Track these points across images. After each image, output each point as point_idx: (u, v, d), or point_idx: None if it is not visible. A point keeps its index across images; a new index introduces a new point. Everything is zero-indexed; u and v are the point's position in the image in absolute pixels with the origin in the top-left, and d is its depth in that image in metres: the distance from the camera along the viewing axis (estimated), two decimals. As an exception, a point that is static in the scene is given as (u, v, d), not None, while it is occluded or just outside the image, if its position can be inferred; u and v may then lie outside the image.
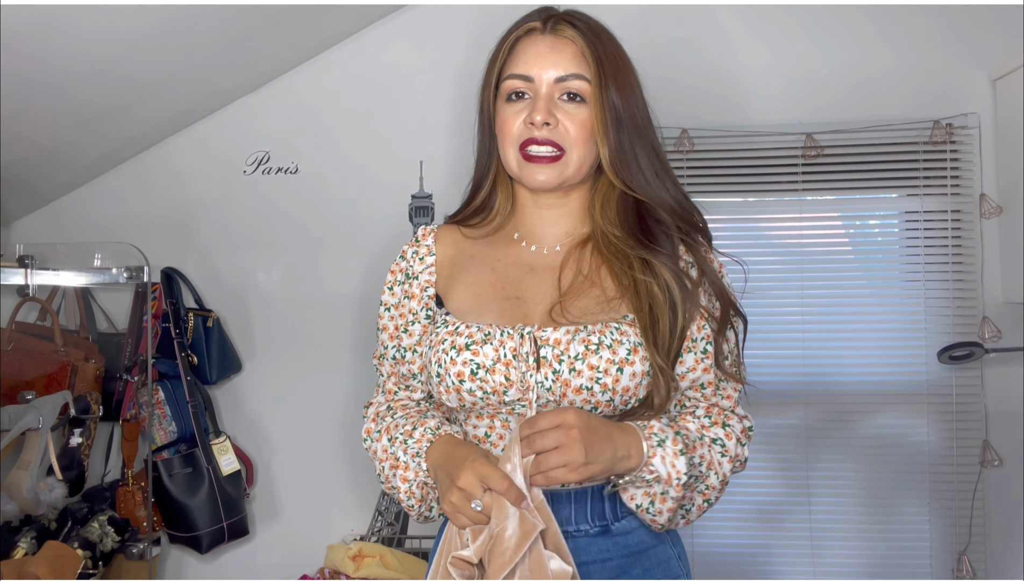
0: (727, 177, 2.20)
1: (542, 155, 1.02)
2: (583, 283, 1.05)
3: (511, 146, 1.04)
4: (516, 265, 1.08)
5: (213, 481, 2.07)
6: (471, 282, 1.07)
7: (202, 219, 2.29)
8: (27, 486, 1.75)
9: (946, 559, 2.14)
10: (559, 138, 1.02)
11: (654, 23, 2.17)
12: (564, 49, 1.04)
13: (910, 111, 2.13)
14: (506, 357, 0.97)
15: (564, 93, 1.03)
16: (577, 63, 1.03)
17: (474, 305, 1.05)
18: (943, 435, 2.14)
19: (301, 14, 1.98)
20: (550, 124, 1.01)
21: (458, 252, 1.12)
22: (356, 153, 2.26)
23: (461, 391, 0.98)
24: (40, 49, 1.59)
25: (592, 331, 0.98)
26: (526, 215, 1.11)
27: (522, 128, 1.03)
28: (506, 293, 1.05)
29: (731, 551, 2.20)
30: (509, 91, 1.05)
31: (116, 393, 2.08)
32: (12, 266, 1.88)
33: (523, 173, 1.04)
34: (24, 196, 2.21)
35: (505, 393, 0.97)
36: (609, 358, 0.96)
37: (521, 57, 1.05)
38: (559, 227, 1.10)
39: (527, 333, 0.98)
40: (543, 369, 0.97)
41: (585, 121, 1.03)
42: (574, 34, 1.05)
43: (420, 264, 1.11)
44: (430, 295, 1.09)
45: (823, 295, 2.17)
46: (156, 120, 2.19)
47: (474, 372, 0.97)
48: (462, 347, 0.99)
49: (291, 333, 2.26)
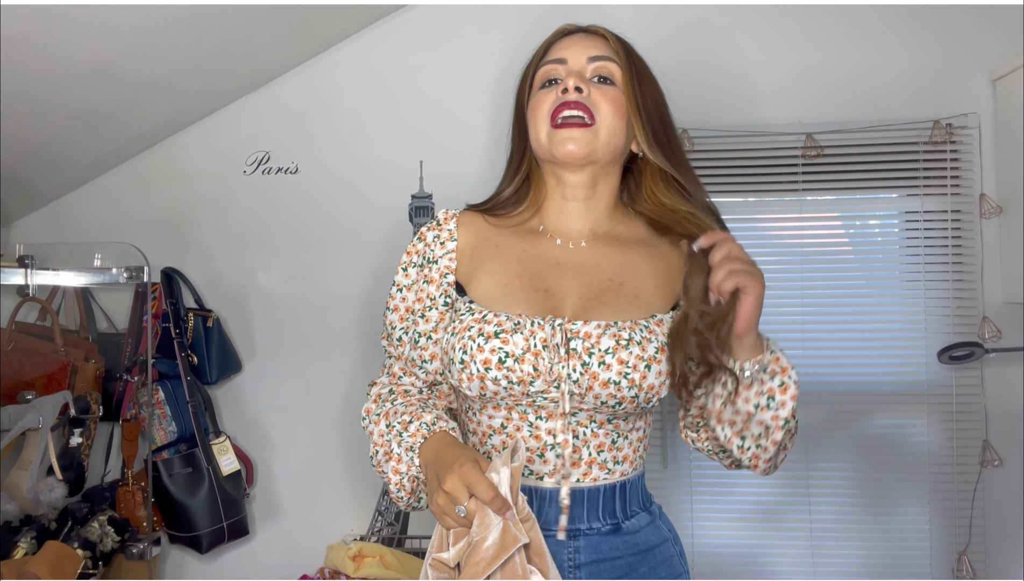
0: (727, 177, 2.20)
1: (572, 119, 1.03)
2: (611, 281, 1.05)
3: (543, 120, 1.06)
4: (543, 258, 1.08)
5: (213, 481, 2.07)
6: (496, 271, 1.07)
7: (202, 219, 2.29)
8: (27, 486, 1.75)
9: (946, 559, 2.14)
10: (591, 105, 1.04)
11: (654, 23, 2.17)
12: (596, 40, 1.10)
13: (910, 111, 2.13)
14: (536, 347, 0.97)
15: (596, 75, 1.07)
16: (608, 51, 1.09)
17: (501, 294, 1.04)
18: (943, 435, 2.14)
19: (301, 14, 1.98)
20: (582, 91, 1.04)
21: (481, 240, 1.11)
22: (356, 153, 2.26)
23: (486, 379, 0.98)
24: (40, 49, 1.59)
25: (623, 327, 0.99)
26: (553, 207, 1.12)
27: (552, 101, 1.05)
28: (533, 285, 1.05)
29: (731, 551, 2.20)
30: (544, 78, 1.09)
31: (116, 393, 2.08)
32: (12, 266, 1.88)
33: (552, 142, 1.05)
34: (24, 196, 2.21)
35: (531, 383, 0.98)
36: (639, 354, 0.97)
37: (556, 49, 1.10)
38: (583, 222, 1.10)
39: (558, 325, 0.98)
40: (572, 361, 0.97)
41: (616, 99, 1.06)
42: (605, 31, 1.11)
43: (441, 248, 1.10)
44: (449, 282, 1.09)
45: (823, 295, 2.17)
46: (156, 120, 2.19)
47: (502, 360, 0.97)
48: (491, 335, 0.98)
49: (291, 333, 2.26)
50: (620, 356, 0.97)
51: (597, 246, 1.09)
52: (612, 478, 1.02)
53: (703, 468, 2.18)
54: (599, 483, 1.02)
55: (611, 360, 0.97)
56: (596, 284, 1.05)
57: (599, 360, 0.97)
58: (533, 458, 1.01)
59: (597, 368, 0.97)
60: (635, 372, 0.97)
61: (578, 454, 1.01)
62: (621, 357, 0.97)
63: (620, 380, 0.97)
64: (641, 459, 1.09)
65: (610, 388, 0.97)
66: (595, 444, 1.02)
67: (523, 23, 2.13)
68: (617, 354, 0.97)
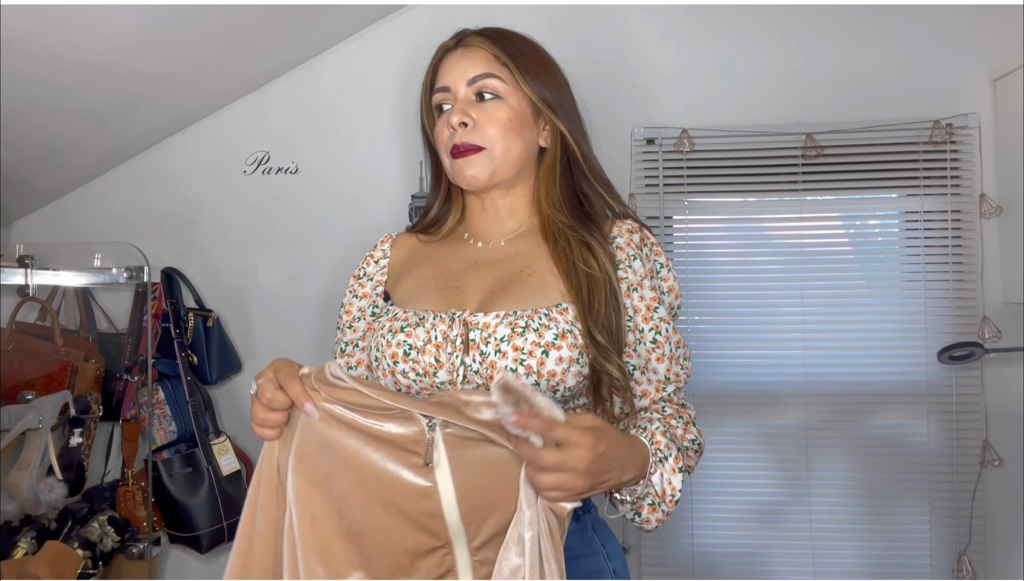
0: (727, 177, 2.20)
1: (465, 152, 1.08)
2: (521, 272, 1.07)
3: (444, 152, 1.11)
4: (461, 260, 1.12)
5: (213, 481, 2.07)
6: (416, 276, 1.13)
7: (202, 219, 2.29)
8: (27, 486, 1.76)
9: (946, 559, 2.14)
10: (477, 138, 1.08)
11: (654, 23, 2.17)
12: (473, 56, 1.11)
13: (910, 111, 2.14)
14: (436, 339, 1.00)
15: (476, 93, 1.09)
16: (488, 64, 1.10)
17: (415, 295, 1.10)
18: (943, 435, 2.14)
19: (300, 14, 1.98)
20: (467, 124, 1.08)
21: (410, 254, 1.18)
22: (356, 153, 2.26)
23: (396, 373, 1.02)
24: (40, 49, 1.59)
25: (520, 316, 1.00)
26: (473, 218, 1.17)
27: (447, 134, 1.10)
28: (446, 283, 1.09)
29: (731, 551, 2.20)
30: (435, 105, 1.13)
31: (116, 393, 2.08)
32: (12, 266, 1.88)
33: (455, 172, 1.10)
34: (24, 196, 2.21)
35: (435, 374, 1.00)
36: (535, 341, 0.98)
37: (439, 74, 1.13)
38: (504, 224, 1.14)
39: (458, 317, 1.01)
40: (471, 352, 0.99)
41: (501, 117, 1.08)
42: (482, 41, 1.12)
43: (375, 266, 1.19)
44: (378, 293, 1.16)
45: (823, 295, 2.17)
46: (156, 120, 2.19)
47: (407, 353, 1.01)
48: (397, 330, 1.03)
49: (291, 333, 2.26)
50: (515, 343, 0.98)
51: (516, 243, 1.12)
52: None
53: (703, 468, 2.18)
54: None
55: (506, 348, 0.98)
56: (506, 277, 1.07)
57: (495, 348, 0.98)
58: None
59: (494, 357, 0.98)
60: (531, 359, 0.97)
61: None
62: (516, 343, 0.98)
63: (517, 367, 0.97)
64: None
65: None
66: None
67: (523, 23, 2.13)
68: (512, 341, 0.98)
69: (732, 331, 2.18)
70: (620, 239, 1.09)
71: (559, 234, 1.08)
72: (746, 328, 2.19)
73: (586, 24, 2.18)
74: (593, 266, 1.04)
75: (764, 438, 2.18)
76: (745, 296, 2.20)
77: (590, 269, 1.03)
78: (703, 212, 2.22)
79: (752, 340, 2.19)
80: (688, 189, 2.20)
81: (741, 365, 2.19)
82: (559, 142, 1.12)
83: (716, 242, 2.23)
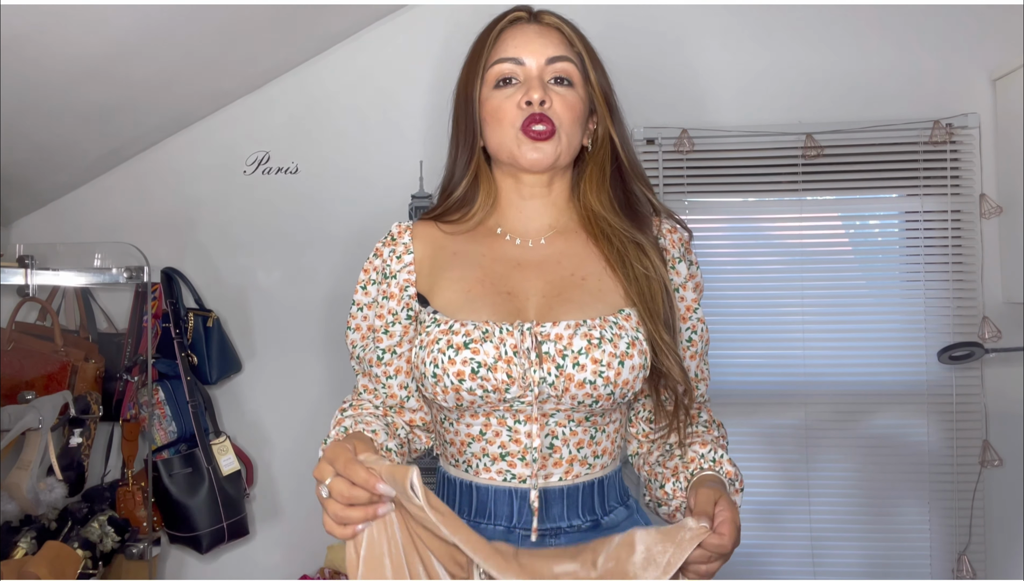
0: (727, 177, 2.20)
1: (541, 133, 1.03)
2: (573, 276, 1.05)
3: (510, 127, 1.04)
4: (502, 260, 1.08)
5: (213, 481, 2.07)
6: (458, 278, 1.06)
7: (202, 219, 2.29)
8: (27, 486, 1.75)
9: (946, 559, 2.14)
10: (554, 117, 1.04)
11: (654, 23, 2.17)
12: (551, 35, 1.08)
13: (910, 111, 2.14)
14: (507, 354, 0.96)
15: (554, 77, 1.06)
16: (565, 47, 1.07)
17: (465, 302, 1.03)
18: (943, 435, 2.14)
19: (301, 14, 1.98)
20: (546, 103, 1.04)
21: (438, 249, 1.10)
22: (356, 153, 2.26)
23: (460, 390, 0.97)
24: (40, 49, 1.59)
25: (593, 326, 0.99)
26: (509, 208, 1.11)
27: (517, 111, 1.04)
28: (496, 289, 1.04)
29: (731, 551, 2.20)
30: (498, 77, 1.06)
31: (116, 393, 2.08)
32: (12, 266, 1.88)
33: (521, 150, 1.04)
34: (24, 196, 2.21)
35: (507, 390, 0.97)
36: (611, 351, 0.97)
37: (510, 43, 1.07)
38: (542, 220, 1.11)
39: (527, 329, 0.98)
40: (545, 364, 0.96)
41: (574, 104, 1.06)
42: (558, 22, 1.09)
43: (398, 263, 1.10)
44: (411, 295, 1.08)
45: (823, 295, 2.17)
46: (156, 120, 2.19)
47: (475, 371, 0.96)
48: (460, 346, 0.97)
49: (291, 333, 2.26)
50: (594, 355, 0.96)
51: (556, 242, 1.09)
52: (593, 473, 1.03)
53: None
54: (580, 480, 1.02)
55: (585, 360, 0.96)
56: (559, 281, 1.05)
57: (573, 362, 0.96)
58: (514, 461, 1.01)
59: (572, 370, 0.96)
60: (609, 370, 0.97)
61: (558, 453, 1.01)
62: (595, 356, 0.96)
63: (596, 379, 0.96)
64: (619, 449, 1.09)
65: (586, 388, 0.97)
66: (575, 442, 1.02)
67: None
68: (591, 354, 0.96)
69: (732, 331, 2.18)
70: (663, 240, 1.10)
71: (613, 235, 1.06)
72: (746, 328, 2.19)
73: (585, 24, 2.18)
74: (649, 267, 1.03)
75: (764, 438, 2.18)
76: (745, 296, 2.20)
77: (647, 270, 1.03)
78: (703, 212, 2.22)
79: (752, 340, 2.19)
80: (688, 189, 2.20)
81: (741, 365, 2.19)
82: (609, 140, 1.10)
83: (716, 242, 2.23)
